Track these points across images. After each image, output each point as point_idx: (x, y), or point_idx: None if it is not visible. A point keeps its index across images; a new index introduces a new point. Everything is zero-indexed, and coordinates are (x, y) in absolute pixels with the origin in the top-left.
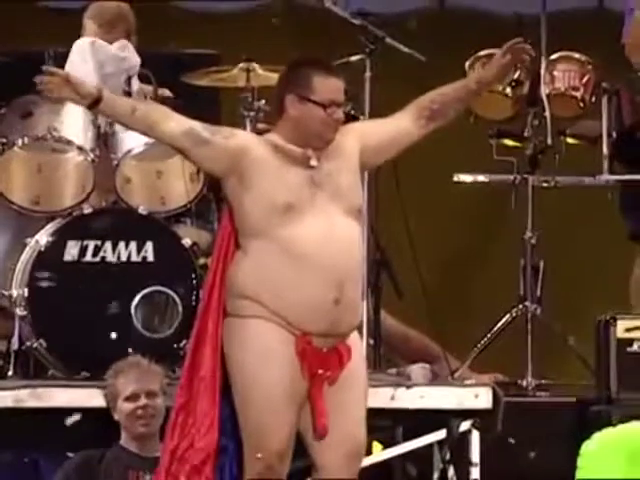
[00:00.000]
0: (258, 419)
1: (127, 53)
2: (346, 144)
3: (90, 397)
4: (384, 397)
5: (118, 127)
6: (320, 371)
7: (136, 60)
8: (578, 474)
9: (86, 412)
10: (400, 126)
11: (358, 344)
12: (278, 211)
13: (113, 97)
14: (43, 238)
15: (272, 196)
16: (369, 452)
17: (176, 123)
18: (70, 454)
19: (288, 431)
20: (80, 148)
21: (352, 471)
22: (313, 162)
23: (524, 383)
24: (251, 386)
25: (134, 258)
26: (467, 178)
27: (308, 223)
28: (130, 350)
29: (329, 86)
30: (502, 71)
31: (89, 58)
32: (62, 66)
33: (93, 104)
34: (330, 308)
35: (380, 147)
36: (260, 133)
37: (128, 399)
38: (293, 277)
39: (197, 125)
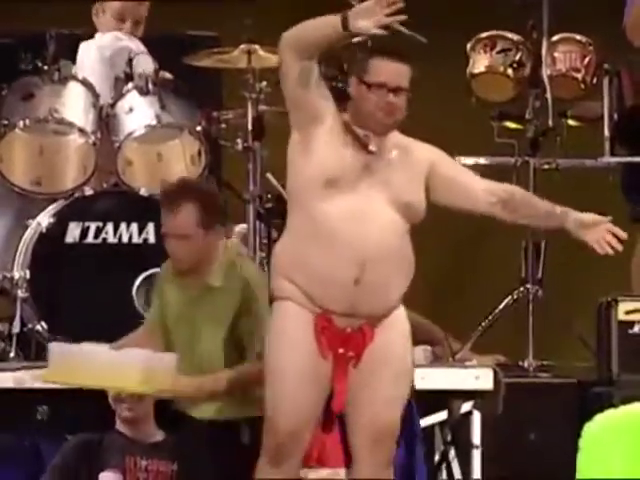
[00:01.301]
0: (273, 399)
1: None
2: (418, 154)
3: None
4: None
5: (119, 109)
6: (341, 350)
7: (135, 44)
8: (580, 455)
9: (87, 394)
10: (471, 186)
11: (399, 325)
12: (320, 184)
13: None
14: (44, 220)
15: (321, 167)
16: None
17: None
18: (69, 437)
19: (303, 412)
20: (81, 130)
21: (381, 453)
22: (372, 147)
23: (525, 364)
24: (270, 367)
25: (135, 240)
26: (468, 160)
27: (344, 202)
28: (130, 332)
29: (384, 69)
30: (576, 234)
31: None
32: (63, 48)
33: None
34: (349, 287)
35: (447, 184)
36: (261, 114)
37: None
38: (319, 253)
39: (314, 71)
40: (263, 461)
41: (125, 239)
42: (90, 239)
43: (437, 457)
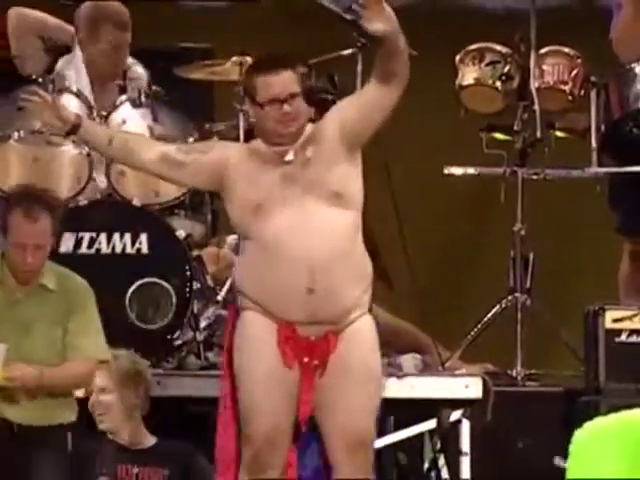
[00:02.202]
0: (244, 407)
1: None
2: (326, 128)
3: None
4: None
5: (113, 121)
6: (306, 359)
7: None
8: (570, 461)
9: (80, 402)
10: (367, 97)
11: (365, 333)
12: (250, 211)
13: (93, 126)
14: None
15: (244, 198)
16: None
17: (151, 152)
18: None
19: (272, 419)
20: (75, 141)
21: (357, 462)
22: (287, 157)
23: (514, 373)
24: (239, 374)
25: (128, 250)
26: (457, 171)
27: (277, 217)
28: (124, 341)
29: (268, 84)
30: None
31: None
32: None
33: (72, 130)
34: (303, 297)
35: (355, 119)
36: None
37: (89, 393)
38: (267, 269)
39: (171, 149)
40: (243, 474)
41: (118, 249)
42: (84, 249)
43: (426, 465)
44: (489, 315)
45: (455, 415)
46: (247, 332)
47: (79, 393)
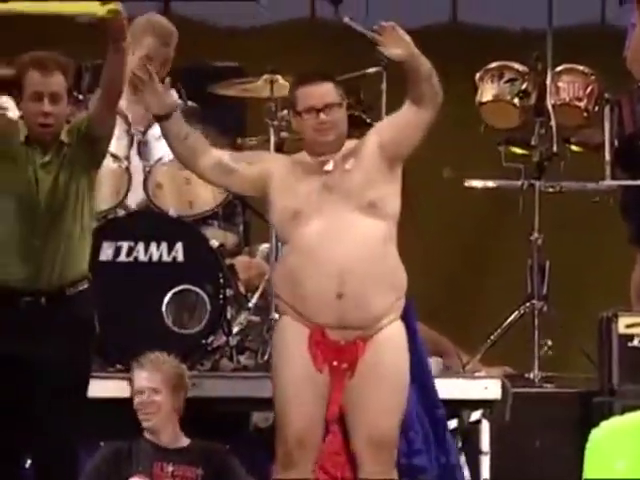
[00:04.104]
0: (279, 408)
1: None
2: (366, 143)
3: (123, 388)
4: None
5: (150, 136)
6: (335, 363)
7: None
8: (586, 460)
9: (120, 402)
10: (404, 118)
11: (394, 338)
12: (289, 218)
13: (179, 118)
14: None
15: (284, 206)
16: None
17: (208, 157)
18: (102, 444)
19: (305, 419)
20: (115, 156)
21: (381, 460)
22: (327, 167)
23: (531, 375)
24: (274, 379)
25: (165, 258)
26: (478, 184)
27: (313, 224)
28: (161, 345)
29: (307, 94)
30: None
31: None
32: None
33: (163, 117)
34: (333, 302)
35: (395, 137)
36: (283, 141)
37: (136, 393)
38: (301, 273)
39: (225, 156)
40: (276, 466)
41: (155, 258)
42: (123, 257)
43: None
44: (508, 320)
45: (475, 415)
46: (281, 337)
47: (125, 394)
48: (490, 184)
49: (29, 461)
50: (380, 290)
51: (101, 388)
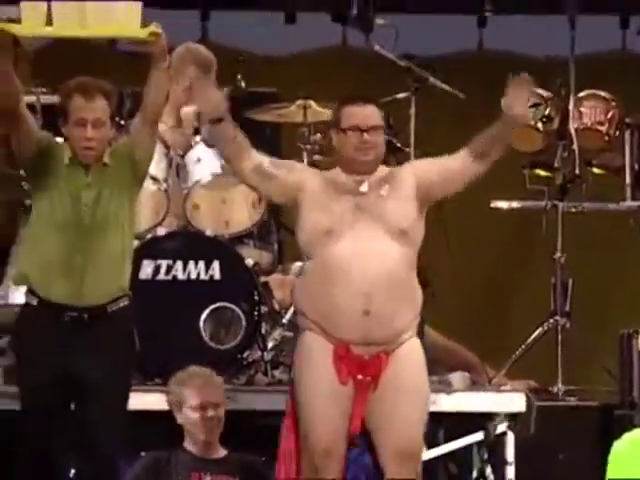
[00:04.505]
0: (304, 421)
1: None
2: (401, 174)
3: (162, 401)
4: None
5: (188, 160)
6: (359, 376)
7: None
8: (609, 471)
9: (158, 414)
10: (451, 165)
11: (413, 353)
12: (320, 234)
13: (230, 119)
14: None
15: (316, 222)
16: None
17: (250, 161)
18: (143, 454)
19: (331, 432)
20: (154, 178)
21: (406, 471)
22: (362, 188)
23: (554, 389)
24: (298, 391)
25: (202, 276)
26: (503, 204)
27: (344, 243)
28: (198, 360)
29: (353, 113)
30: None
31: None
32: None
33: (217, 120)
34: (359, 318)
35: (433, 182)
36: (315, 164)
37: (194, 408)
38: (327, 290)
39: (265, 161)
40: (303, 476)
41: (193, 276)
42: (162, 276)
43: (475, 474)
44: (532, 336)
45: (501, 428)
46: (306, 353)
47: (163, 406)
48: (515, 205)
49: (73, 471)
50: (403, 309)
51: (141, 401)
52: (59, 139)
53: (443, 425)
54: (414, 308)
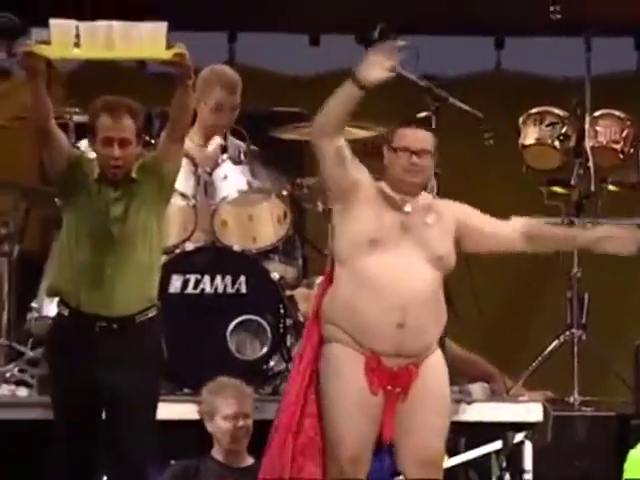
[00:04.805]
0: (332, 429)
1: None
2: (445, 209)
3: (191, 411)
4: None
5: (216, 177)
6: (389, 387)
7: None
8: (625, 472)
9: (186, 424)
10: (504, 231)
11: (439, 365)
12: (364, 243)
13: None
14: None
15: (363, 230)
16: None
17: (339, 141)
18: (173, 462)
19: (359, 440)
20: (183, 194)
21: (429, 475)
22: (407, 208)
23: (571, 399)
24: (327, 401)
25: (229, 290)
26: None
27: (386, 257)
28: (225, 370)
29: (405, 135)
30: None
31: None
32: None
33: (362, 87)
34: (394, 331)
35: (474, 235)
36: None
37: (226, 418)
38: (366, 302)
39: (345, 147)
40: (329, 477)
41: (220, 290)
42: (190, 289)
43: None
44: (549, 348)
45: (519, 437)
46: (335, 365)
47: (191, 416)
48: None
49: (105, 478)
50: (432, 323)
51: (169, 411)
52: (92, 155)
53: (463, 434)
54: (441, 323)
